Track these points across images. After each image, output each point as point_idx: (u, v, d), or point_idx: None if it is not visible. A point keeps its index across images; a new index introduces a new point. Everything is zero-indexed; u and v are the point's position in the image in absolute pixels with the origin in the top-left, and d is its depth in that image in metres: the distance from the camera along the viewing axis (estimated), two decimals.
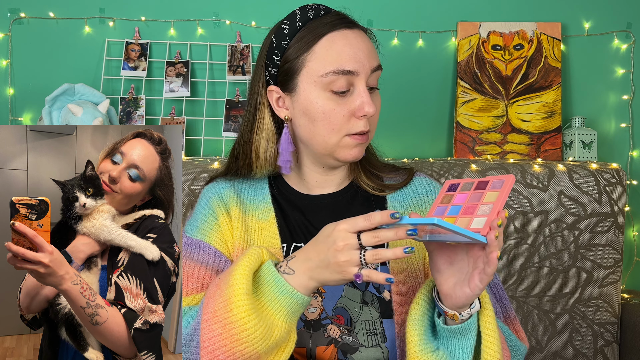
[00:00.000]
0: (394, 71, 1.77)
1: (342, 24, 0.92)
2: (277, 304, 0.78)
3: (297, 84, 0.93)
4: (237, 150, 1.02)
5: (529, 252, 1.49)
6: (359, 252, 0.73)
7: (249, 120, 0.99)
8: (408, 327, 0.82)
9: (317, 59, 0.90)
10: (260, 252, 0.81)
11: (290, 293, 0.77)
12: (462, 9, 1.81)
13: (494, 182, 0.78)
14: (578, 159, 1.70)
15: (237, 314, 0.75)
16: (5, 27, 1.73)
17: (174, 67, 1.72)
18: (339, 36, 0.91)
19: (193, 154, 1.74)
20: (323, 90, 0.90)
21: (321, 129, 0.92)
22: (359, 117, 0.90)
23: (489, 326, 0.79)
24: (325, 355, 0.89)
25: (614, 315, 1.50)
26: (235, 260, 0.83)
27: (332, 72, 0.89)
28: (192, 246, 0.96)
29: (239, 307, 0.75)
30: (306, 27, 0.92)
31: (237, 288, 0.76)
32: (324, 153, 0.95)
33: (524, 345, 0.93)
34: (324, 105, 0.90)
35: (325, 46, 0.91)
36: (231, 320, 0.75)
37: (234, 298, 0.75)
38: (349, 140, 0.92)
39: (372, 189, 1.00)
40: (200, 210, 1.01)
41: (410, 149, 1.80)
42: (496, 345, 0.78)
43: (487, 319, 0.80)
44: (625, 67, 1.82)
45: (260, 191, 1.01)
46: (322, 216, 0.98)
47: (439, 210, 0.79)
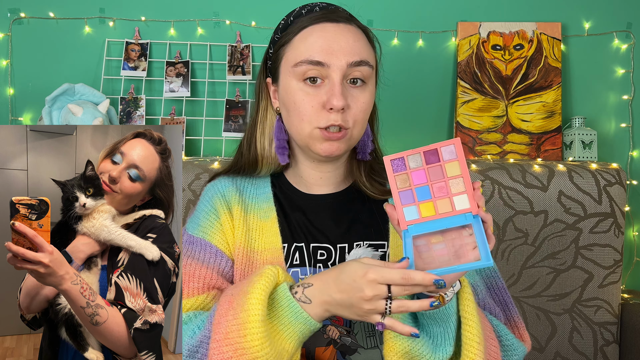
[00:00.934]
0: (394, 71, 1.77)
1: (326, 17, 0.92)
2: (289, 329, 0.77)
3: (279, 74, 0.95)
4: (242, 145, 1.03)
5: (529, 252, 1.49)
6: (385, 302, 0.72)
7: (254, 114, 1.02)
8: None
9: (292, 50, 0.92)
10: (276, 274, 0.80)
11: (305, 320, 0.77)
12: (462, 9, 1.81)
13: (444, 151, 0.77)
14: (578, 159, 1.70)
15: (251, 341, 0.74)
16: (5, 27, 1.73)
17: (174, 67, 1.72)
18: (317, 29, 0.91)
19: (193, 154, 1.74)
20: (297, 81, 0.91)
21: (294, 118, 0.92)
22: (328, 110, 0.89)
23: (468, 309, 0.79)
24: (324, 356, 0.89)
25: (614, 315, 1.50)
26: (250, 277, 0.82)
27: (301, 61, 0.90)
28: (193, 244, 0.95)
29: (253, 334, 0.74)
30: (294, 22, 0.94)
31: (253, 314, 0.75)
32: (302, 145, 0.95)
33: (524, 347, 0.92)
34: (295, 95, 0.91)
35: (301, 38, 0.92)
36: (244, 347, 0.74)
37: (249, 325, 0.74)
38: (319, 133, 0.91)
39: (373, 194, 0.99)
40: (202, 208, 1.00)
41: (410, 149, 1.80)
42: (475, 328, 0.78)
43: (466, 302, 0.80)
44: (625, 67, 1.82)
45: (262, 190, 1.01)
46: (322, 216, 0.98)
47: (405, 196, 0.77)
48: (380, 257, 0.95)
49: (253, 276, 0.81)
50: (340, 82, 0.89)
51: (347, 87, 0.91)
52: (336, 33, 0.91)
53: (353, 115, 0.91)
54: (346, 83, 0.91)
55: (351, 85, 0.91)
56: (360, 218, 0.98)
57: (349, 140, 0.93)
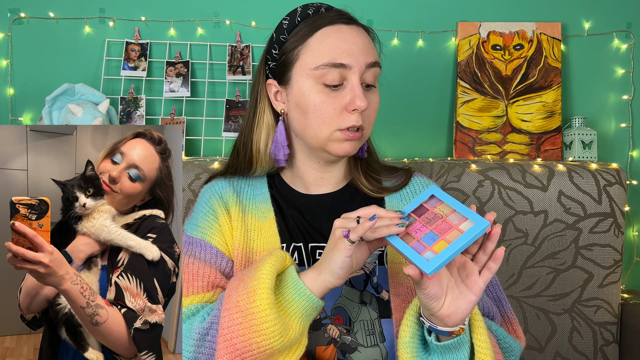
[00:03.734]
0: (394, 71, 1.77)
1: (339, 19, 0.93)
2: (293, 306, 0.80)
3: (292, 76, 0.94)
4: (238, 146, 1.03)
5: (529, 252, 1.49)
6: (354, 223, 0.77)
7: (250, 114, 1.01)
8: (399, 350, 0.81)
9: (310, 52, 0.91)
10: (285, 256, 0.83)
11: (307, 296, 0.79)
12: (462, 9, 1.81)
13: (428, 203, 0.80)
14: (578, 159, 1.70)
15: (260, 306, 0.76)
16: (5, 27, 1.73)
17: (174, 67, 1.72)
18: (333, 30, 0.92)
19: (193, 154, 1.74)
20: (315, 83, 0.91)
21: (312, 121, 0.92)
22: (351, 112, 0.90)
23: (481, 337, 0.79)
24: (324, 355, 0.89)
25: (614, 315, 1.50)
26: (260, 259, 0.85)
27: (324, 64, 0.90)
28: (192, 244, 0.95)
29: (262, 299, 0.76)
30: (304, 22, 0.94)
31: (263, 282, 0.78)
32: (316, 146, 0.95)
33: (520, 345, 0.93)
34: (316, 98, 0.91)
35: (319, 39, 0.91)
36: (253, 311, 0.76)
37: (259, 290, 0.77)
38: (340, 134, 0.92)
39: (371, 192, 1.00)
40: (199, 209, 1.00)
41: (410, 149, 1.80)
42: (489, 356, 0.78)
43: (478, 330, 0.79)
44: (625, 67, 1.82)
45: (259, 191, 1.02)
46: (320, 216, 0.98)
47: (416, 247, 0.75)
48: (379, 255, 0.96)
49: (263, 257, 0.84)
50: (359, 83, 0.90)
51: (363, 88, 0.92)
52: (352, 34, 0.92)
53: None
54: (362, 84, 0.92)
55: (364, 88, 0.93)
56: None
57: (363, 139, 0.96)
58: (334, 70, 0.89)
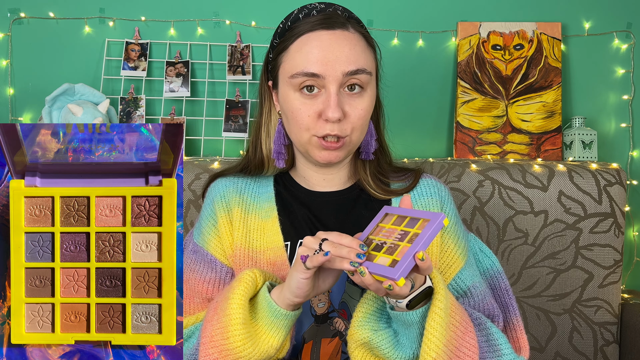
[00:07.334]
0: (394, 71, 1.77)
1: (321, 25, 0.90)
2: (273, 327, 0.81)
3: (278, 82, 0.95)
4: (250, 146, 1.04)
5: (529, 252, 1.49)
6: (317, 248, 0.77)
7: (258, 116, 1.03)
8: (358, 304, 0.83)
9: (288, 60, 0.92)
10: (254, 277, 0.84)
11: (283, 315, 0.81)
12: (462, 9, 1.81)
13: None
14: (578, 159, 1.70)
15: (234, 342, 0.79)
16: (5, 27, 1.73)
17: (174, 67, 1.72)
18: (312, 37, 0.90)
19: (193, 154, 1.74)
20: (293, 90, 0.91)
21: (293, 126, 0.93)
22: (325, 120, 0.89)
23: (433, 323, 0.76)
24: (329, 347, 0.90)
25: (614, 315, 1.50)
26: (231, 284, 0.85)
27: (297, 73, 0.89)
28: (196, 254, 0.99)
29: (235, 335, 0.79)
30: (291, 27, 0.93)
31: (234, 317, 0.80)
32: (302, 151, 0.96)
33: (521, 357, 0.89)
34: (292, 104, 0.91)
35: (297, 47, 0.91)
36: (227, 348, 0.79)
37: (230, 328, 0.80)
38: (317, 141, 0.91)
39: (377, 193, 0.99)
40: (204, 213, 1.03)
41: (410, 149, 1.80)
42: (435, 343, 0.76)
43: (432, 316, 0.77)
44: (625, 67, 1.82)
45: (264, 189, 1.02)
46: (327, 211, 0.99)
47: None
48: None
49: (233, 282, 0.84)
50: (337, 92, 0.88)
51: (345, 95, 0.90)
52: (331, 41, 0.89)
53: (351, 123, 0.91)
54: (343, 91, 0.90)
55: (349, 92, 0.90)
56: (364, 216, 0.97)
57: (348, 146, 0.93)
58: (309, 79, 0.89)
